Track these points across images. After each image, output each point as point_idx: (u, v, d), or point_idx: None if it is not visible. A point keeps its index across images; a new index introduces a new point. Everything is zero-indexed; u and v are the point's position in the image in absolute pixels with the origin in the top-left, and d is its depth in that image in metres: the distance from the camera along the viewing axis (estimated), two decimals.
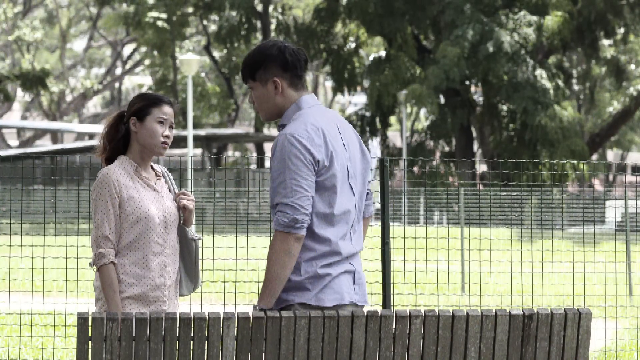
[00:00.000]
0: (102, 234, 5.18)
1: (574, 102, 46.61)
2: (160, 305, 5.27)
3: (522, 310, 4.69)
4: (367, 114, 44.47)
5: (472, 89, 44.14)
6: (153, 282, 5.25)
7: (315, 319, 4.55)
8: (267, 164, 40.48)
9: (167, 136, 5.35)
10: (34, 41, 56.95)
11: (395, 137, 55.52)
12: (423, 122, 55.03)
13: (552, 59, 44.66)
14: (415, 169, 37.73)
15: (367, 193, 5.11)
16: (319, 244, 4.80)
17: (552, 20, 39.77)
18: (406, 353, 4.62)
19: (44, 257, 9.06)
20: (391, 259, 8.16)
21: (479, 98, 43.94)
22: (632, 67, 47.88)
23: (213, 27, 51.55)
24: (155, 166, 5.49)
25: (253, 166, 41.49)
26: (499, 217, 17.28)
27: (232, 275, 13.74)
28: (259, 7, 47.27)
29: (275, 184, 4.74)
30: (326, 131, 4.83)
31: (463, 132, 42.83)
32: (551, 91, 39.32)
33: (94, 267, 5.22)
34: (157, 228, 5.27)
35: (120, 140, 5.38)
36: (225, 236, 8.93)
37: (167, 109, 5.37)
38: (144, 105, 5.35)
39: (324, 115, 4.90)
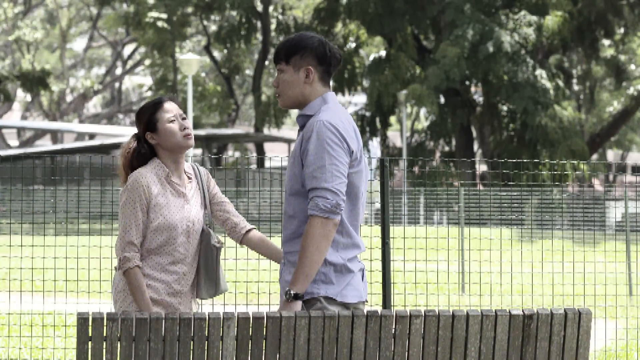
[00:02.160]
0: (128, 239, 5.22)
1: (574, 102, 46.56)
2: (173, 310, 5.32)
3: (522, 310, 4.69)
4: (367, 114, 44.45)
5: (472, 89, 44.10)
6: (170, 288, 5.30)
7: (315, 319, 4.55)
8: (267, 164, 40.46)
9: (185, 127, 5.35)
10: (34, 41, 56.89)
11: (395, 137, 55.50)
12: (423, 122, 55.01)
13: (552, 59, 44.63)
14: (415, 169, 37.70)
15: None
16: (344, 237, 4.84)
17: (552, 20, 39.74)
18: (406, 353, 4.62)
19: (44, 257, 9.05)
20: (391, 259, 8.16)
21: (479, 98, 43.90)
22: (632, 67, 47.86)
23: (213, 27, 51.52)
24: (187, 167, 5.48)
25: (253, 166, 41.46)
26: (499, 217, 17.26)
27: (232, 275, 13.73)
28: (259, 7, 47.25)
29: (311, 169, 4.73)
30: (354, 128, 4.90)
31: (463, 132, 42.81)
32: (551, 91, 39.28)
33: (120, 271, 5.25)
34: (180, 237, 5.31)
35: (146, 154, 5.36)
36: (225, 236, 8.92)
37: (169, 105, 5.39)
38: (148, 116, 5.37)
39: (348, 115, 4.96)
